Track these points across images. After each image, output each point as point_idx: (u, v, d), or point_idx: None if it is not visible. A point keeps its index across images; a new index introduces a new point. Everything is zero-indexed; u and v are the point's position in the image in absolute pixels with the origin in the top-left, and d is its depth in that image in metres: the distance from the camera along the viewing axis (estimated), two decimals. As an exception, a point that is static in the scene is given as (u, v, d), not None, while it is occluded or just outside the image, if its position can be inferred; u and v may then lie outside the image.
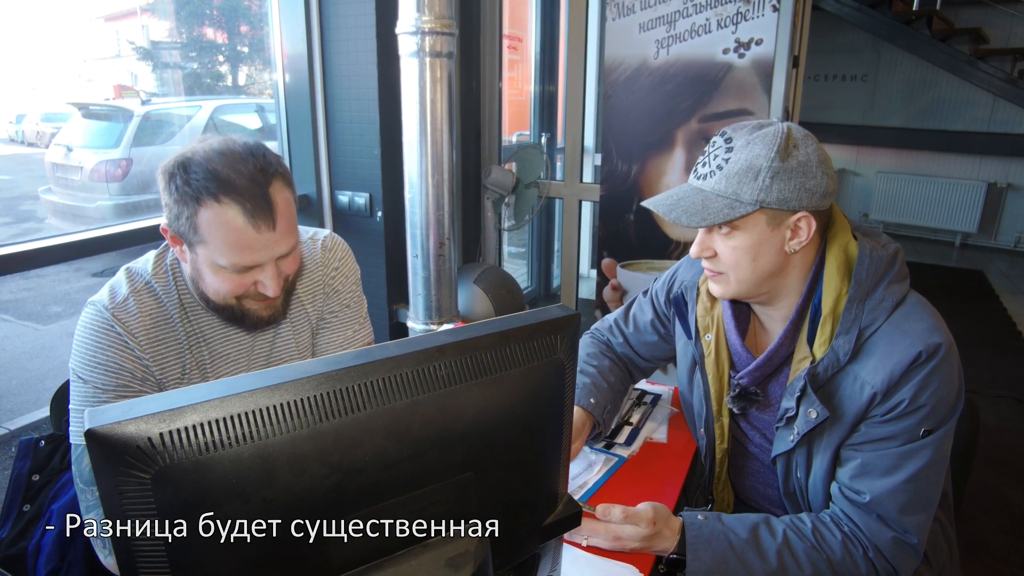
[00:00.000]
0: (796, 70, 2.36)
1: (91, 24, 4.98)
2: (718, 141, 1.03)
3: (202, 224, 0.95)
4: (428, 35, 1.92)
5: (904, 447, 0.98)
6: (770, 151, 0.97)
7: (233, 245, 0.97)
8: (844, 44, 6.51)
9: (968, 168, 6.30)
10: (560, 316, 0.70)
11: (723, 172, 1.00)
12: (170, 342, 1.07)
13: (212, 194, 0.94)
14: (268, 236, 0.98)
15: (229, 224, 0.95)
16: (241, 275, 1.01)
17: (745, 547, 1.00)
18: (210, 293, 1.04)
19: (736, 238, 1.02)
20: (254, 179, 0.96)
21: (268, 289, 1.02)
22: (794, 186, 0.97)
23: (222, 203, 0.94)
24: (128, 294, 1.05)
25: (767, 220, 1.00)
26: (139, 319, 1.04)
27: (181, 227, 0.98)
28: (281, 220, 0.99)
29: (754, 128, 1.01)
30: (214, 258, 0.98)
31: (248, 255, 0.98)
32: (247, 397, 0.52)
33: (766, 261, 1.03)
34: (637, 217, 2.69)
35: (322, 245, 1.25)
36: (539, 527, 0.75)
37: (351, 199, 2.50)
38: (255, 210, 0.95)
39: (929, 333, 0.96)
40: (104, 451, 0.48)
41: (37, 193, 4.93)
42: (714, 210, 0.99)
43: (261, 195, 0.96)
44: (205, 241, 0.97)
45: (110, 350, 1.01)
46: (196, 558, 0.53)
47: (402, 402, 0.59)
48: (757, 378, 1.12)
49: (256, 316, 1.08)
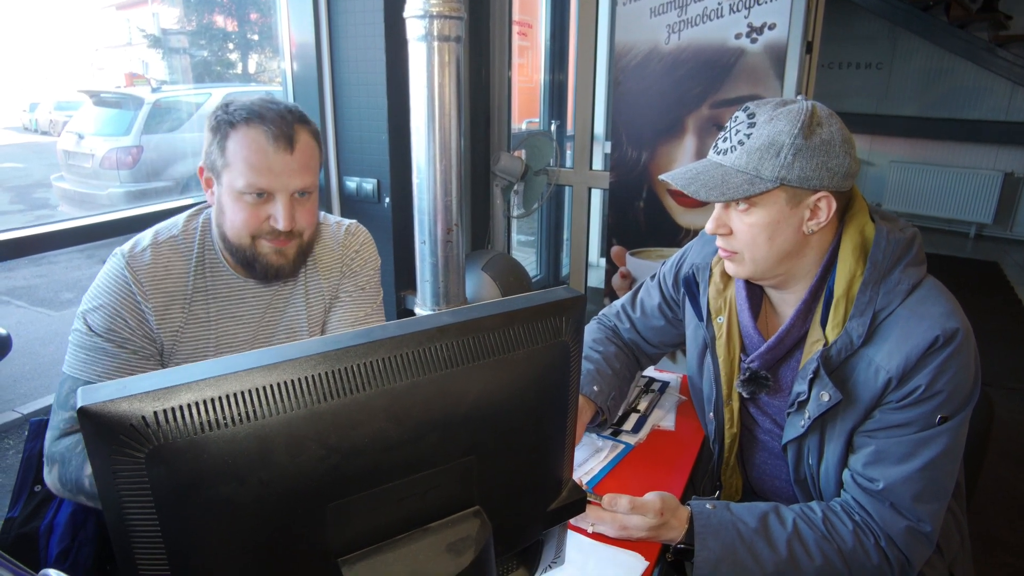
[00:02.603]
0: (810, 56, 2.32)
1: (103, 13, 4.99)
2: (740, 116, 1.01)
3: (229, 146, 1.06)
4: (436, 19, 1.89)
5: (919, 434, 0.96)
6: (793, 127, 0.95)
7: (252, 165, 1.05)
8: (859, 31, 6.41)
9: (984, 158, 6.19)
10: (565, 298, 0.69)
11: (744, 147, 0.98)
12: (175, 293, 1.13)
13: (243, 119, 1.06)
14: (285, 159, 1.07)
15: (252, 144, 1.05)
16: (256, 206, 1.08)
17: (754, 536, 0.99)
18: (227, 229, 1.11)
19: (754, 215, 1.00)
20: (282, 115, 1.08)
21: (280, 221, 1.08)
22: (816, 164, 0.95)
23: (250, 125, 1.06)
24: (148, 246, 1.12)
25: (787, 198, 0.98)
26: (151, 268, 1.10)
27: (212, 156, 1.08)
28: (300, 152, 1.08)
29: (778, 104, 0.99)
30: (234, 182, 1.06)
31: (264, 176, 1.06)
32: (243, 376, 0.51)
33: (783, 240, 1.00)
34: (647, 204, 2.66)
35: (346, 230, 1.32)
36: (543, 513, 0.74)
37: (359, 185, 2.49)
38: (278, 134, 1.06)
39: (946, 317, 0.94)
40: (97, 429, 0.47)
41: (50, 180, 4.96)
42: (733, 185, 0.97)
43: (286, 125, 1.07)
44: (229, 163, 1.06)
45: (114, 295, 1.08)
46: (192, 538, 0.52)
47: (402, 383, 0.57)
48: (768, 361, 1.10)
49: (266, 261, 1.13)
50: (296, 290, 1.24)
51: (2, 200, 5.49)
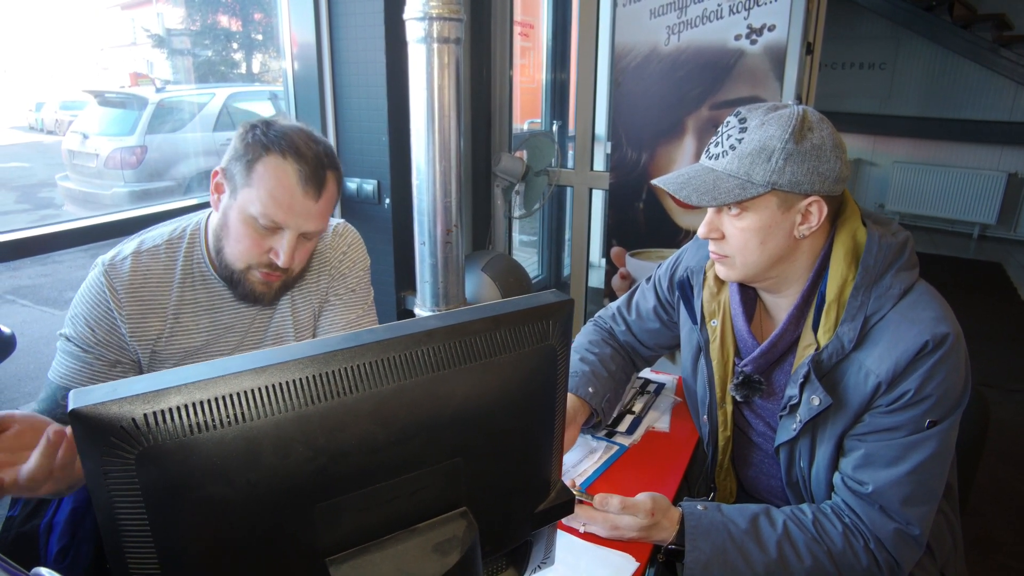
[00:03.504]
0: (810, 57, 2.32)
1: (108, 12, 5.01)
2: (732, 121, 1.01)
3: (259, 169, 1.05)
4: (436, 20, 1.90)
5: (908, 438, 0.97)
6: (784, 132, 0.95)
7: (275, 198, 1.05)
8: (862, 32, 6.40)
9: (988, 158, 6.18)
10: (553, 302, 0.69)
11: (736, 152, 0.98)
12: (155, 305, 1.12)
13: (281, 149, 1.05)
14: (308, 205, 1.07)
15: (283, 177, 1.05)
16: (261, 235, 1.07)
17: (744, 538, 1.00)
18: (227, 248, 1.10)
19: (745, 219, 1.00)
20: (319, 157, 1.08)
21: (281, 258, 1.08)
22: (807, 169, 0.96)
23: (286, 159, 1.05)
24: (129, 255, 1.11)
25: (778, 203, 0.98)
26: (128, 277, 1.09)
27: (236, 168, 1.07)
28: (324, 199, 1.09)
29: (769, 109, 0.99)
30: (250, 205, 1.05)
31: (282, 213, 1.05)
32: (231, 379, 0.52)
33: (774, 245, 1.01)
34: (647, 205, 2.66)
35: (334, 231, 1.30)
36: (531, 514, 0.75)
37: (359, 186, 2.50)
38: (310, 176, 1.06)
39: (936, 322, 0.95)
40: (88, 431, 0.48)
41: (55, 180, 4.99)
42: (725, 190, 0.98)
43: (320, 169, 1.07)
44: (251, 185, 1.05)
45: (86, 304, 1.09)
46: (181, 539, 0.53)
47: (389, 387, 0.58)
48: (761, 365, 1.10)
49: (250, 288, 1.12)
50: (283, 297, 1.24)
51: (8, 199, 5.52)
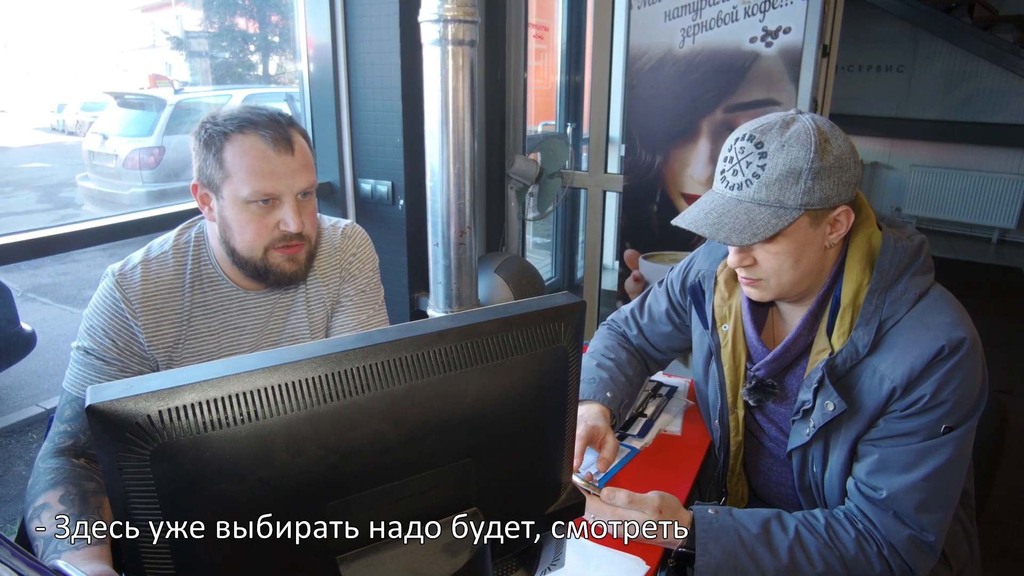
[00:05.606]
0: (826, 60, 2.30)
1: (129, 15, 5.09)
2: (747, 147, 0.98)
3: (227, 158, 1.05)
4: (450, 23, 1.91)
5: (924, 443, 0.96)
6: (808, 152, 0.94)
7: (256, 171, 1.05)
8: (880, 34, 6.33)
9: (1008, 162, 6.08)
10: (565, 304, 0.70)
11: (761, 180, 0.96)
12: (168, 311, 1.12)
13: (236, 127, 1.05)
14: (287, 161, 1.07)
15: (251, 150, 1.05)
16: (263, 215, 1.08)
17: (756, 542, 0.99)
18: (238, 243, 1.10)
19: (779, 244, 0.99)
20: (274, 119, 1.08)
21: (290, 224, 1.08)
22: (834, 182, 0.95)
23: (245, 134, 1.05)
24: (138, 263, 1.12)
25: (810, 221, 0.97)
26: (141, 286, 1.10)
27: (208, 171, 1.07)
28: (299, 152, 1.09)
29: (781, 128, 0.96)
30: (238, 192, 1.05)
31: (269, 181, 1.06)
32: (245, 378, 0.53)
33: (808, 261, 1.00)
34: (660, 208, 2.65)
35: (342, 232, 1.30)
36: (541, 516, 0.75)
37: (373, 187, 2.51)
38: (275, 137, 1.06)
39: (952, 327, 0.94)
40: (104, 426, 0.49)
41: (75, 180, 5.06)
42: (761, 222, 0.96)
43: (281, 128, 1.07)
44: (230, 175, 1.05)
45: (103, 316, 1.09)
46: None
47: (401, 386, 0.59)
48: (774, 370, 1.10)
49: (279, 271, 1.13)
50: (297, 297, 1.24)
51: (30, 199, 5.61)
